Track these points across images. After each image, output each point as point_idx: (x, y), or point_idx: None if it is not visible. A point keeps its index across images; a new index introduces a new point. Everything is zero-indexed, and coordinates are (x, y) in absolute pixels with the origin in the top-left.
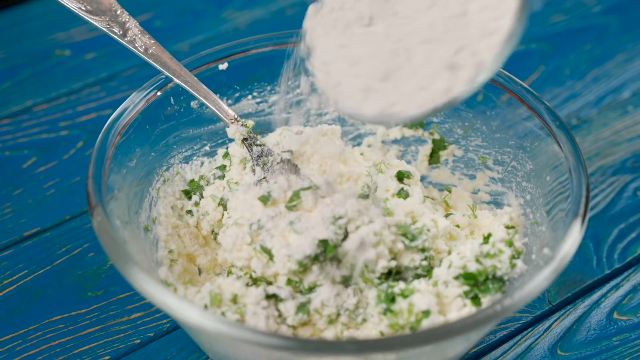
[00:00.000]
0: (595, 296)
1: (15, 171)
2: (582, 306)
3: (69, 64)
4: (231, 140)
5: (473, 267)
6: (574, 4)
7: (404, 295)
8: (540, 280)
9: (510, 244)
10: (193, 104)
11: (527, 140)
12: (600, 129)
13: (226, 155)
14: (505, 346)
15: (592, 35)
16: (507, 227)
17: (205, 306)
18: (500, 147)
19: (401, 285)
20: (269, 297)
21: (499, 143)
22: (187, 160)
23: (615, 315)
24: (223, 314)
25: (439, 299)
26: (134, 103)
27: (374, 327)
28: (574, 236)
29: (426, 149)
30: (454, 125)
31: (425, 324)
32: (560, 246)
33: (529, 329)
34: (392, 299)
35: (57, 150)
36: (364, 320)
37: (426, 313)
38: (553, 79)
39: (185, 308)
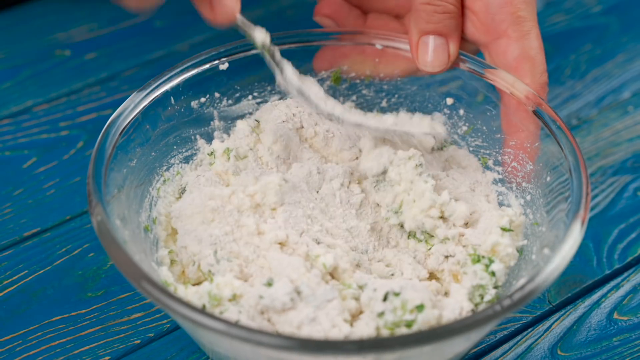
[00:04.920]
0: (595, 296)
1: (15, 171)
2: (582, 306)
3: (69, 64)
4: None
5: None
6: (574, 4)
7: (396, 293)
8: (540, 281)
9: (492, 274)
10: (193, 104)
11: (527, 141)
12: (600, 129)
13: (211, 153)
14: (505, 346)
15: (592, 35)
16: (504, 230)
17: (205, 306)
18: (500, 148)
19: (393, 283)
20: None
21: (500, 143)
22: (187, 160)
23: (615, 316)
24: (222, 313)
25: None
26: (134, 103)
27: (368, 323)
28: (574, 236)
29: None
30: (455, 125)
31: (421, 318)
32: (560, 246)
33: (529, 329)
34: (384, 299)
35: (57, 150)
36: (361, 312)
37: (420, 307)
38: (553, 79)
39: (185, 308)
